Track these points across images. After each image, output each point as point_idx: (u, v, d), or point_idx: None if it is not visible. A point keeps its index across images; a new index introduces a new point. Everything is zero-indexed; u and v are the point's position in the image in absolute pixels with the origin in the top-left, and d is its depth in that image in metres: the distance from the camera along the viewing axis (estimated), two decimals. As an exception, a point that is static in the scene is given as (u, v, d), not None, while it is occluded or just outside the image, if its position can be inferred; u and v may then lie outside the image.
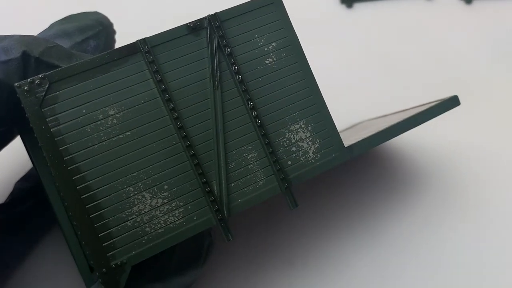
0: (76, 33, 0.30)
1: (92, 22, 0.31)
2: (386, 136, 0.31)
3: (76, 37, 0.30)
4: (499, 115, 0.45)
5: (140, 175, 0.26)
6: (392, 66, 0.46)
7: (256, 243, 0.36)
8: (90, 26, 0.31)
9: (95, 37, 0.31)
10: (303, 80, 0.29)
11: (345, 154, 0.29)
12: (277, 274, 0.35)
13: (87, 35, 0.30)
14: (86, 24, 0.31)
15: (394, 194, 0.39)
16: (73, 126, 0.25)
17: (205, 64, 0.27)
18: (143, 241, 0.25)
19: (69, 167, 0.25)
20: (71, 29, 0.30)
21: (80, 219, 0.24)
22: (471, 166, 0.41)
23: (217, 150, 0.27)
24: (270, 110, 0.28)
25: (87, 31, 0.31)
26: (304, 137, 0.28)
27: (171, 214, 0.26)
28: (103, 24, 0.32)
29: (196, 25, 0.27)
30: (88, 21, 0.31)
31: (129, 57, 0.26)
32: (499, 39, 0.49)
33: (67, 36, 0.30)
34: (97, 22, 0.32)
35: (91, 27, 0.31)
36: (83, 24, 0.31)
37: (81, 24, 0.31)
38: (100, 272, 0.24)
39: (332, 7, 0.49)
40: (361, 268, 0.36)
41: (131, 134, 0.26)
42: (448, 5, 0.50)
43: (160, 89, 0.26)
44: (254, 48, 0.28)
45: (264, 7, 0.29)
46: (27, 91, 0.24)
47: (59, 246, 0.34)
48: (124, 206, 0.25)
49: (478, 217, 0.39)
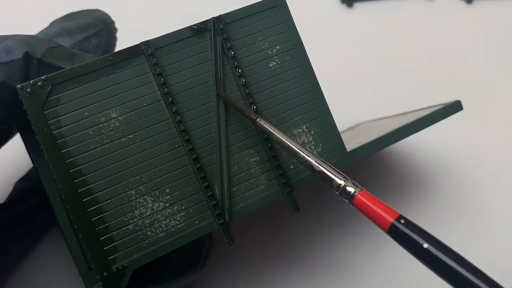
0: (77, 31, 0.30)
1: (94, 20, 0.31)
2: (388, 141, 0.31)
3: (77, 35, 0.30)
4: (499, 115, 0.45)
5: (142, 179, 0.25)
6: (392, 66, 0.46)
7: (256, 246, 0.36)
8: (92, 24, 0.31)
9: (96, 35, 0.31)
10: (306, 84, 0.29)
11: (348, 159, 0.29)
12: (277, 278, 0.35)
13: (88, 33, 0.30)
14: (88, 22, 0.30)
15: (395, 197, 0.39)
16: (76, 129, 0.25)
17: (209, 67, 0.27)
18: (144, 245, 0.25)
19: (71, 170, 0.24)
20: (73, 27, 0.30)
21: (82, 222, 0.24)
22: (472, 167, 0.41)
23: (220, 153, 0.27)
24: (273, 113, 0.28)
25: (89, 29, 0.30)
26: (306, 141, 0.28)
27: (172, 218, 0.26)
28: (104, 22, 0.32)
29: (200, 27, 0.27)
30: (89, 19, 0.31)
31: (132, 59, 0.26)
32: (500, 39, 0.49)
33: (69, 34, 0.29)
34: (99, 20, 0.31)
35: (92, 25, 0.31)
36: (84, 22, 0.30)
37: (82, 22, 0.30)
38: (101, 276, 0.24)
39: (332, 7, 0.49)
40: (364, 271, 0.36)
41: (133, 137, 0.26)
42: (448, 5, 0.50)
43: (163, 91, 0.26)
44: (258, 51, 0.28)
45: (268, 10, 0.28)
46: (30, 93, 0.24)
47: (59, 246, 0.34)
48: (125, 209, 0.25)
49: (482, 220, 0.39)
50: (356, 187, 0.23)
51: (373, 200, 0.22)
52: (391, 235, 0.22)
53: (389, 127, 0.33)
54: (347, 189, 0.23)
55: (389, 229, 0.22)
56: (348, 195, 0.23)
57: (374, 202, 0.22)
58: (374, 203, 0.22)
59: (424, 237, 0.21)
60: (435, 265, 0.21)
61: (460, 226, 0.39)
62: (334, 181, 0.24)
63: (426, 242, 0.21)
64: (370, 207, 0.22)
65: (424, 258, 0.21)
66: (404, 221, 0.22)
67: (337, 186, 0.23)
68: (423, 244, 0.21)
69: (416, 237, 0.21)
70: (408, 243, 0.21)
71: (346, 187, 0.23)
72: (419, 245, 0.21)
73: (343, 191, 0.23)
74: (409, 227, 0.21)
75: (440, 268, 0.21)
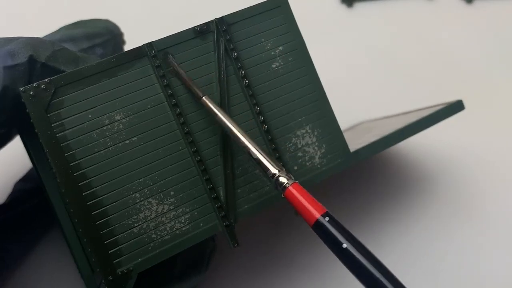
0: (82, 39, 0.30)
1: (101, 29, 0.31)
2: (391, 142, 0.31)
3: (82, 43, 0.29)
4: (500, 114, 0.45)
5: (146, 181, 0.25)
6: (392, 66, 0.46)
7: (259, 248, 0.36)
8: (98, 34, 0.31)
9: (102, 45, 0.30)
10: (309, 85, 0.29)
11: (351, 160, 0.29)
12: (280, 280, 0.35)
13: (94, 42, 0.30)
14: (94, 32, 0.30)
15: (398, 197, 0.39)
16: (79, 132, 0.25)
17: (212, 68, 0.27)
18: (149, 247, 0.25)
19: (75, 173, 0.24)
20: (78, 35, 0.30)
21: (86, 226, 0.24)
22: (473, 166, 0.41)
23: (224, 155, 0.27)
24: (277, 115, 0.28)
25: (94, 38, 0.30)
26: (310, 142, 0.28)
27: (177, 221, 0.26)
28: (112, 33, 0.31)
29: (203, 28, 0.27)
30: (96, 29, 0.31)
31: (136, 61, 0.26)
32: (500, 38, 0.49)
33: (73, 41, 0.29)
34: (106, 30, 0.31)
35: (99, 34, 0.31)
36: (91, 31, 0.30)
37: (89, 30, 0.30)
38: (106, 280, 0.24)
39: (332, 7, 0.49)
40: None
41: (137, 139, 0.25)
42: (449, 5, 0.50)
43: (166, 93, 0.26)
44: (261, 52, 0.28)
45: (270, 11, 0.28)
46: (33, 96, 0.24)
47: (58, 246, 0.34)
48: (130, 212, 0.25)
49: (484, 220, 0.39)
50: (289, 179, 0.23)
51: (304, 194, 0.23)
52: (315, 230, 0.22)
53: (391, 127, 0.33)
54: (280, 179, 0.24)
55: (314, 224, 0.22)
56: (281, 186, 0.24)
57: (305, 196, 0.23)
58: (304, 197, 0.23)
59: (346, 236, 0.22)
60: (352, 265, 0.21)
61: (461, 225, 0.39)
62: (269, 171, 0.24)
63: (347, 241, 0.22)
64: (299, 200, 0.23)
65: (342, 257, 0.22)
66: (329, 219, 0.22)
67: (271, 176, 0.24)
68: (342, 244, 0.21)
69: (338, 236, 0.22)
70: (329, 240, 0.22)
71: (279, 177, 0.24)
72: (339, 243, 0.22)
73: (276, 181, 0.24)
74: (333, 224, 0.22)
75: (356, 268, 0.21)
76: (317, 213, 0.22)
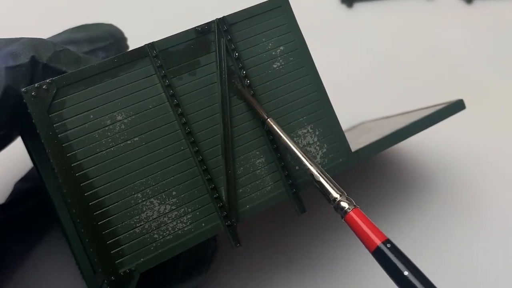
0: (85, 42, 0.30)
1: (104, 33, 0.31)
2: (392, 141, 0.31)
3: (84, 46, 0.29)
4: (500, 114, 0.45)
5: (148, 181, 0.25)
6: (391, 66, 0.46)
7: (261, 248, 0.36)
8: (101, 38, 0.31)
9: (104, 49, 0.30)
10: (310, 84, 0.29)
11: (352, 159, 0.29)
12: (280, 279, 0.35)
13: (96, 46, 0.30)
14: (97, 35, 0.30)
15: (398, 197, 0.39)
16: (81, 132, 0.25)
17: (213, 68, 0.27)
18: (151, 248, 0.25)
19: (77, 173, 0.24)
20: (80, 38, 0.30)
21: (88, 226, 0.24)
22: (474, 166, 0.41)
23: (225, 155, 0.27)
24: (278, 114, 0.28)
25: (97, 42, 0.30)
26: (311, 141, 0.28)
27: (179, 221, 0.26)
28: (115, 37, 0.31)
29: (204, 28, 0.27)
30: (99, 32, 0.31)
31: (137, 62, 0.26)
32: (500, 38, 0.49)
33: (75, 44, 0.29)
34: (109, 35, 0.31)
35: (101, 38, 0.31)
36: (94, 34, 0.30)
37: (91, 34, 0.30)
38: (108, 280, 0.24)
39: (333, 7, 0.49)
40: (367, 272, 0.36)
41: (139, 139, 0.25)
42: (448, 5, 0.50)
43: (168, 94, 0.26)
44: (262, 52, 0.28)
45: (271, 11, 0.28)
46: (34, 97, 0.24)
47: (59, 246, 0.34)
48: (132, 212, 0.25)
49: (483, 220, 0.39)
50: (350, 204, 0.24)
51: (364, 220, 0.23)
52: (375, 257, 0.23)
53: (392, 127, 0.33)
54: (341, 204, 0.24)
55: (375, 251, 0.22)
56: (342, 210, 0.24)
57: (365, 222, 0.23)
58: (365, 223, 0.23)
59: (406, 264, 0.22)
60: None
61: (461, 225, 0.39)
62: (331, 194, 0.24)
63: (407, 269, 0.22)
64: (359, 225, 0.23)
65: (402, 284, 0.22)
66: (390, 246, 0.22)
67: (333, 200, 0.24)
68: (403, 272, 0.22)
69: (398, 263, 0.22)
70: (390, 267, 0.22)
71: (340, 202, 0.24)
72: (399, 271, 0.22)
73: (338, 205, 0.24)
74: (394, 252, 0.22)
75: None
76: (378, 240, 0.22)
